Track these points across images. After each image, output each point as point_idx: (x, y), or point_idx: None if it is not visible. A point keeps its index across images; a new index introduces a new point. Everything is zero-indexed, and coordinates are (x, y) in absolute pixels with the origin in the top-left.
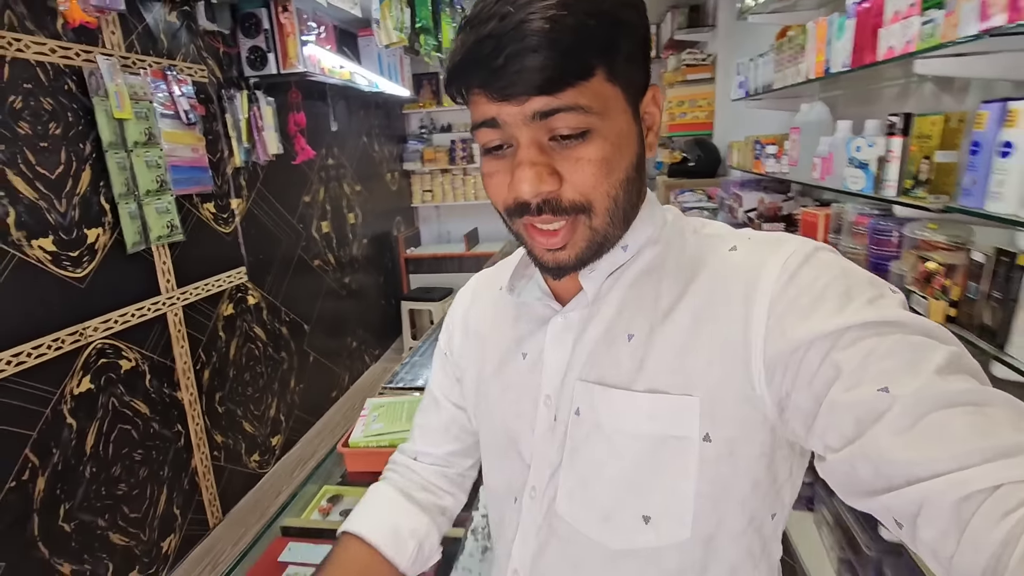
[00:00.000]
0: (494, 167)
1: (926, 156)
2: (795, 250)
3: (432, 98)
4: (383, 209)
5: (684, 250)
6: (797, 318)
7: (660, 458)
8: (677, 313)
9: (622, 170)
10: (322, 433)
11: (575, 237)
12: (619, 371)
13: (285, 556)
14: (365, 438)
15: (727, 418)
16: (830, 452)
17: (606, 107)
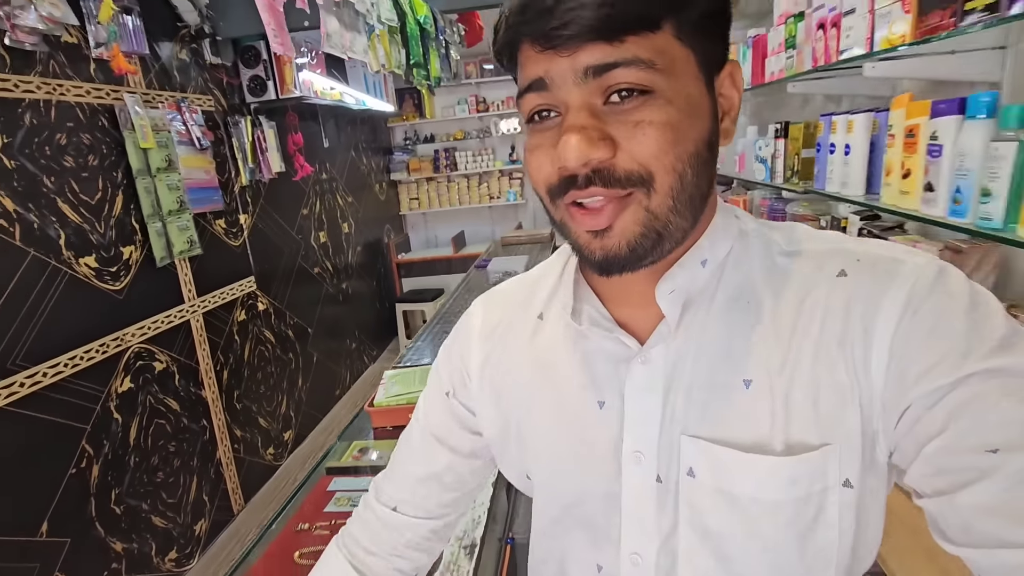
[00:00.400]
0: (537, 140)
1: (796, 153)
2: (917, 279)
3: (414, 111)
4: (373, 218)
5: (777, 274)
6: (919, 359)
7: (804, 519)
8: (792, 355)
9: (691, 141)
10: (329, 427)
11: (625, 218)
12: (745, 428)
13: (332, 487)
14: (387, 399)
15: (860, 461)
16: (926, 496)
17: (673, 67)
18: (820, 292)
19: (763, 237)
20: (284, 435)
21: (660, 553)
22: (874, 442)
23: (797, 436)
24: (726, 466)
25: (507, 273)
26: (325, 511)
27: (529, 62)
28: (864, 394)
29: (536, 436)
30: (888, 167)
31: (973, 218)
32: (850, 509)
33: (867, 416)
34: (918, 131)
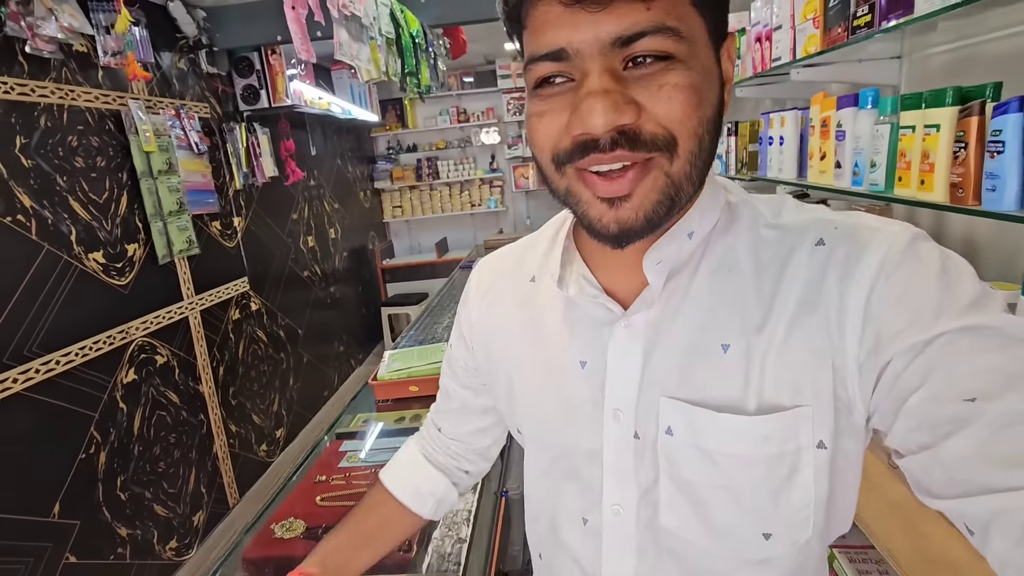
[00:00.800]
0: (545, 105)
1: (744, 148)
2: (890, 246)
3: (397, 121)
4: (358, 224)
5: (762, 245)
6: (893, 321)
7: (778, 475)
8: (771, 321)
9: (710, 105)
10: (319, 426)
11: (644, 185)
12: (721, 390)
13: (343, 448)
14: (388, 373)
15: (833, 423)
16: (908, 453)
17: (693, 35)
18: (799, 261)
19: (750, 209)
20: (276, 432)
21: (641, 504)
22: (850, 406)
23: (770, 398)
24: (702, 425)
25: None
26: (339, 466)
27: (547, 26)
28: (839, 358)
29: (526, 392)
30: (811, 152)
31: (866, 185)
32: (824, 470)
33: (841, 380)
34: (829, 121)
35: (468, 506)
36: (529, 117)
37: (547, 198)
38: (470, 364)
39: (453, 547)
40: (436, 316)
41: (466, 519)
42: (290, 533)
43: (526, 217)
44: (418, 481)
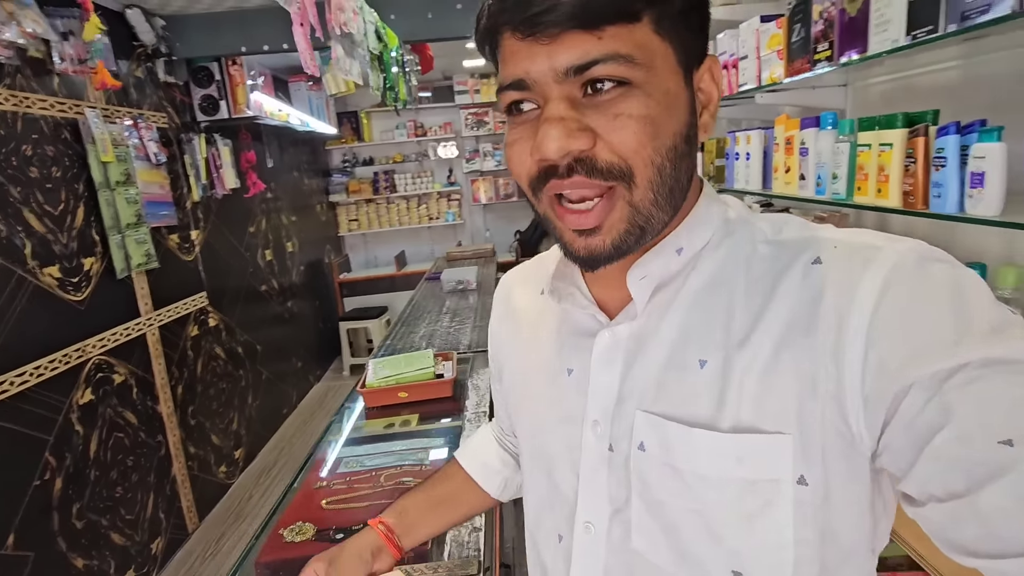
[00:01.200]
0: (517, 134)
1: (711, 162)
2: (895, 263)
3: (352, 134)
4: (315, 238)
5: (756, 261)
6: (901, 347)
7: (750, 506)
8: (756, 338)
9: (668, 135)
10: (278, 445)
11: (612, 217)
12: (696, 406)
13: (340, 455)
14: (378, 380)
15: (822, 460)
16: (932, 501)
17: (652, 61)
18: (792, 279)
19: (749, 226)
20: (235, 453)
21: (612, 522)
22: (853, 442)
23: (747, 419)
24: (674, 441)
25: (460, 282)
26: (338, 472)
27: (510, 57)
28: (835, 387)
29: (522, 399)
30: (776, 167)
31: (829, 194)
32: (808, 510)
33: (840, 412)
34: (793, 140)
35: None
36: (505, 145)
37: (505, 211)
38: (495, 373)
39: (470, 535)
40: (411, 326)
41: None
42: (300, 536)
43: (485, 230)
44: (488, 460)
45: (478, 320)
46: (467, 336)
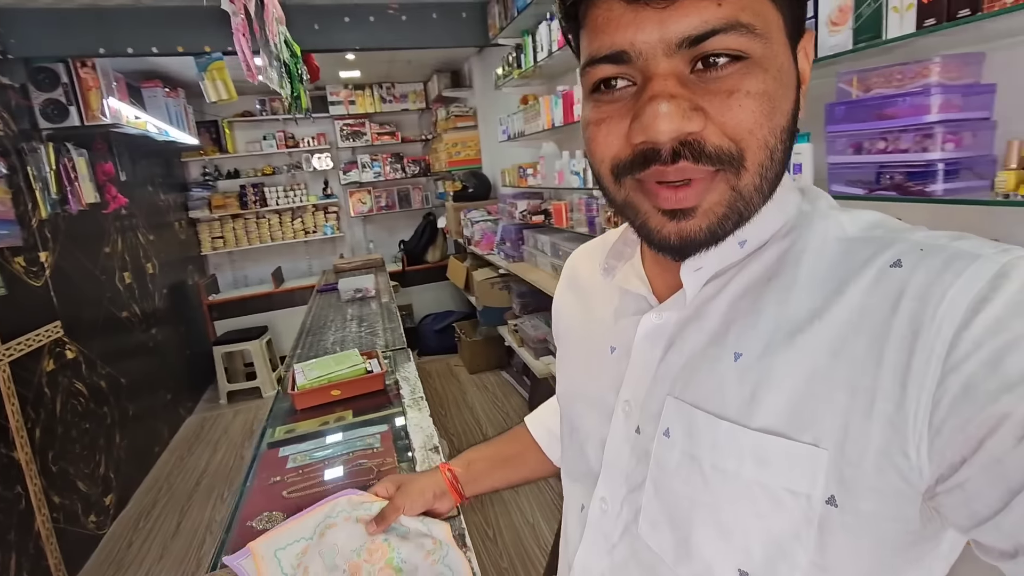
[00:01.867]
0: (604, 112)
1: None
2: (997, 274)
3: (213, 145)
4: (176, 258)
5: (823, 257)
6: (990, 372)
7: (768, 512)
8: (809, 336)
9: (783, 115)
10: (154, 486)
11: (710, 198)
12: (724, 397)
13: (283, 453)
14: (310, 381)
15: (863, 485)
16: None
17: (768, 32)
18: (863, 282)
19: (827, 219)
20: (105, 499)
21: (625, 503)
22: (905, 473)
23: (781, 422)
24: (700, 430)
25: (358, 290)
26: (288, 467)
27: (606, 25)
28: (894, 411)
29: (567, 370)
30: None
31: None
32: (831, 531)
33: (898, 439)
34: None
35: None
36: (586, 124)
37: (386, 222)
38: (556, 342)
39: None
40: (318, 335)
41: None
42: (272, 523)
43: (368, 242)
44: (552, 427)
45: (387, 323)
46: (381, 338)
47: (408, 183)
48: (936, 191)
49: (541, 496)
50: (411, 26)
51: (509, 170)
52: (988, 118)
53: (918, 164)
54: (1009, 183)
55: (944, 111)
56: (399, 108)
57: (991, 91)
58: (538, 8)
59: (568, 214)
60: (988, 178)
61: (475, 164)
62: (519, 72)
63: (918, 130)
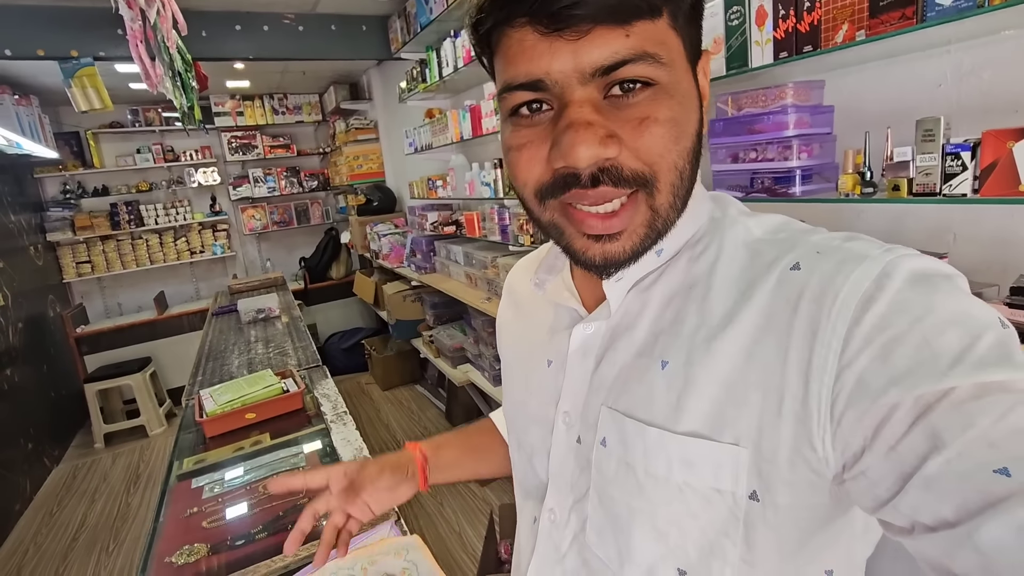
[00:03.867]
0: (524, 137)
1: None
2: (881, 273)
3: (75, 159)
4: (32, 288)
5: (733, 262)
6: (880, 366)
7: (699, 511)
8: (723, 343)
9: (688, 136)
10: (19, 550)
11: (633, 221)
12: (653, 405)
13: (196, 484)
14: (220, 406)
15: (779, 479)
16: (921, 530)
17: (672, 58)
18: (767, 285)
19: (736, 225)
20: None
21: (572, 512)
22: (815, 465)
23: (704, 425)
24: (631, 438)
25: (260, 311)
26: (204, 497)
27: (522, 52)
28: (800, 408)
29: (511, 387)
30: None
31: None
32: (755, 525)
33: (805, 434)
34: None
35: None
36: (507, 149)
37: (282, 239)
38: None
39: None
40: (220, 360)
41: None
42: (195, 556)
43: (264, 260)
44: None
45: (297, 342)
46: (293, 357)
47: (306, 198)
48: (796, 192)
49: (465, 503)
50: (309, 37)
51: (418, 182)
52: (830, 132)
53: (781, 171)
54: (847, 185)
55: (798, 127)
56: (293, 120)
57: (831, 111)
58: (441, 25)
59: (480, 224)
60: (833, 181)
61: (378, 177)
62: (424, 86)
63: (780, 143)
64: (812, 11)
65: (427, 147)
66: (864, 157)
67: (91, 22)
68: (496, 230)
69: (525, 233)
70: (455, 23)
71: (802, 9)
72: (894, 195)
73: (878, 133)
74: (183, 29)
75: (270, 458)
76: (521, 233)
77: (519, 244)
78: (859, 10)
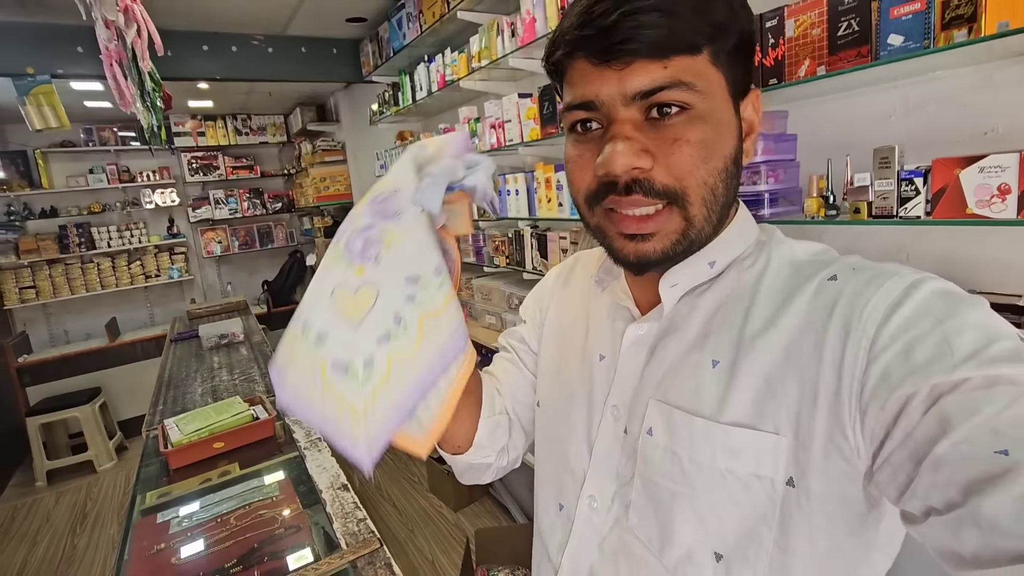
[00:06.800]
0: (579, 150)
1: None
2: (910, 284)
3: (20, 179)
4: None
5: (778, 276)
6: (901, 362)
7: (739, 497)
8: (766, 342)
9: (720, 157)
10: None
11: (667, 227)
12: (702, 399)
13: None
14: (187, 436)
15: (815, 468)
16: (933, 514)
17: (709, 89)
18: (806, 293)
19: (783, 246)
20: None
21: (615, 499)
22: (848, 455)
23: (746, 416)
24: (677, 427)
25: (223, 336)
26: (172, 532)
27: (580, 79)
28: (833, 399)
29: (554, 375)
30: (540, 198)
31: (576, 215)
32: (791, 509)
33: (838, 423)
34: (551, 179)
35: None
36: (567, 159)
37: (243, 263)
38: (531, 346)
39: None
40: (182, 388)
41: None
42: None
43: (225, 284)
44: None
45: (263, 367)
46: (260, 383)
47: (270, 219)
48: (765, 215)
49: (438, 530)
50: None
51: None
52: (794, 159)
53: (751, 194)
54: (812, 208)
55: (766, 154)
56: (257, 141)
57: (794, 139)
58: (413, 51)
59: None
60: (796, 204)
61: (346, 199)
62: (396, 109)
63: (749, 167)
64: (776, 47)
65: None
66: (827, 182)
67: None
68: (471, 251)
69: (500, 254)
70: (428, 48)
71: (767, 45)
72: (856, 217)
73: (838, 159)
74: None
75: (241, 488)
76: (496, 254)
77: (495, 265)
78: (819, 48)
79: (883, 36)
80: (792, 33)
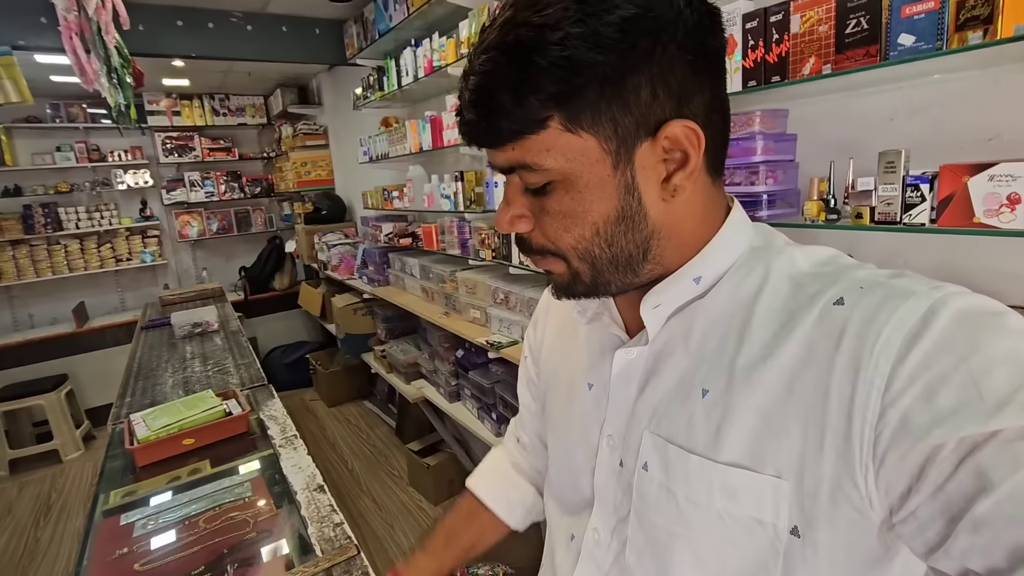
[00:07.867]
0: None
1: (472, 189)
2: (928, 310)
3: None
4: None
5: (776, 293)
6: (924, 405)
7: (739, 542)
8: (763, 373)
9: (587, 225)
10: None
11: (557, 270)
12: (694, 433)
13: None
14: (155, 431)
15: (821, 517)
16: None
17: (569, 158)
18: (809, 319)
19: (782, 255)
20: None
21: (614, 534)
22: (858, 504)
23: (745, 455)
24: (673, 464)
25: (197, 324)
26: (136, 535)
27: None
28: (843, 444)
29: (553, 408)
30: None
31: None
32: (795, 562)
33: (848, 471)
34: None
35: None
36: None
37: (221, 247)
38: (533, 376)
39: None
40: (151, 379)
41: None
42: None
43: (200, 269)
44: (507, 492)
45: (239, 359)
46: (235, 376)
47: (248, 204)
48: (763, 216)
49: (418, 524)
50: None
51: (372, 192)
52: (793, 160)
53: (748, 195)
54: (812, 211)
55: (765, 153)
56: (235, 122)
57: (794, 139)
58: (400, 33)
59: (439, 237)
60: (795, 206)
61: (327, 185)
62: (381, 94)
63: (747, 167)
64: (780, 43)
65: (383, 156)
66: (828, 185)
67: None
68: (456, 243)
69: (487, 248)
70: (416, 32)
71: (771, 41)
72: (858, 223)
73: (838, 161)
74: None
75: (211, 488)
76: (482, 247)
77: (480, 258)
78: (826, 45)
79: (893, 35)
80: (798, 29)
